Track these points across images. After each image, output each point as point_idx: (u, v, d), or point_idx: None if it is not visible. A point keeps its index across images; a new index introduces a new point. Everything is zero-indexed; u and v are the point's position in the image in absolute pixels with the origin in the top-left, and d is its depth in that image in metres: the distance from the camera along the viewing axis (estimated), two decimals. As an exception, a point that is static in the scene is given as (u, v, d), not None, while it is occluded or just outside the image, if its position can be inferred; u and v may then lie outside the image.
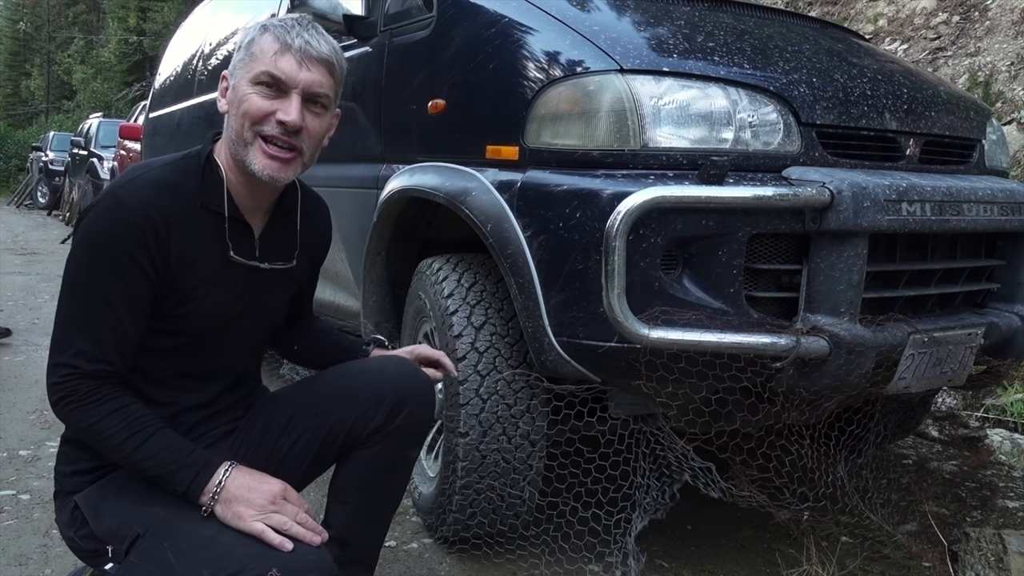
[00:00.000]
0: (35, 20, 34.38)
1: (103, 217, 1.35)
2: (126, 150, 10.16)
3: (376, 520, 1.64)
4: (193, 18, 4.92)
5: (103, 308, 1.34)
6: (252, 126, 1.39)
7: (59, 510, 1.48)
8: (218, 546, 1.27)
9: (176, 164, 1.44)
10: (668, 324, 1.69)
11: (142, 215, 1.34)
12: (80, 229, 1.37)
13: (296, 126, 1.39)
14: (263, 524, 1.30)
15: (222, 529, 1.30)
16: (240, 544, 1.28)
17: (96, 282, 1.34)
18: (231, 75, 1.44)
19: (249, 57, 1.41)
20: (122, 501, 1.39)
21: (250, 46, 1.42)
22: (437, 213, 2.35)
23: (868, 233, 1.74)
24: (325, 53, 1.42)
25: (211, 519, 1.33)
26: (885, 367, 1.82)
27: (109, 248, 1.33)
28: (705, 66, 1.88)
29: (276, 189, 1.50)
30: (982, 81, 5.36)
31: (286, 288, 1.60)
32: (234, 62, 1.44)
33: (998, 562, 1.96)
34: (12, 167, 26.48)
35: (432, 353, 1.71)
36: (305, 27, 1.42)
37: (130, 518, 1.36)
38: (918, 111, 2.08)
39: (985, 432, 3.16)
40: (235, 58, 1.45)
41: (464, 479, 2.01)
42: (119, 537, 1.36)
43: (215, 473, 1.34)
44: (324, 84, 1.42)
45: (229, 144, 1.44)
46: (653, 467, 1.93)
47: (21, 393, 3.57)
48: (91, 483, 1.43)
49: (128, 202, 1.34)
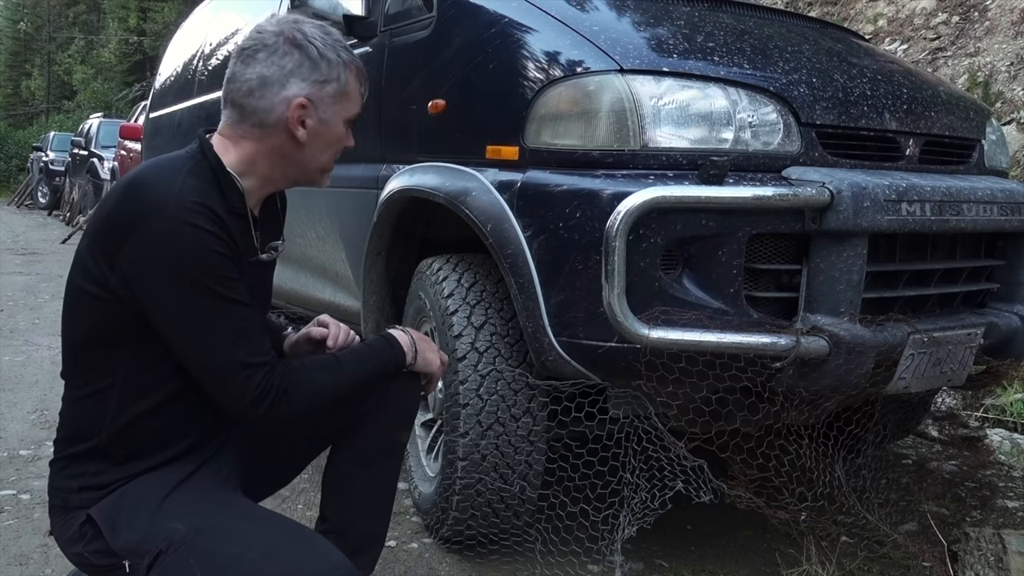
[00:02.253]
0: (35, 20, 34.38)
1: (184, 242, 1.29)
2: (126, 150, 10.17)
3: (373, 509, 1.63)
4: (193, 18, 4.91)
5: (234, 313, 1.33)
6: (334, 156, 1.49)
7: (61, 526, 1.43)
8: (247, 563, 1.27)
9: (193, 170, 1.37)
10: (668, 324, 1.70)
11: (214, 223, 1.31)
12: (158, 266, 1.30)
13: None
14: (439, 370, 1.62)
15: (249, 546, 1.30)
16: (270, 563, 1.27)
17: (217, 295, 1.31)
18: (317, 106, 1.41)
19: (342, 96, 1.44)
20: (140, 515, 1.36)
21: (342, 85, 1.44)
22: (437, 213, 2.35)
23: (868, 233, 1.74)
24: None
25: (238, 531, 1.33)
26: (885, 367, 1.82)
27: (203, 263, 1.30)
28: (705, 66, 1.88)
29: None
30: (982, 81, 5.36)
31: (271, 274, 1.61)
32: (323, 95, 1.41)
33: (998, 562, 1.96)
34: (12, 167, 26.49)
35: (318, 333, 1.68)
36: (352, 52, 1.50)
37: (149, 533, 1.33)
38: (918, 111, 2.08)
39: (985, 432, 3.16)
40: (323, 90, 1.41)
41: (464, 479, 2.01)
42: (139, 552, 1.33)
43: (403, 342, 1.56)
44: None
45: (291, 169, 1.46)
46: (644, 467, 1.92)
47: (21, 393, 3.57)
48: (103, 498, 1.39)
49: (194, 220, 1.29)
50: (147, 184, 1.34)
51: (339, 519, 1.59)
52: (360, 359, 1.52)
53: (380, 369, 1.53)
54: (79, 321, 1.40)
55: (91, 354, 1.40)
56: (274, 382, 1.35)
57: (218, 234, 1.31)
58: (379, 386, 1.56)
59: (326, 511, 1.62)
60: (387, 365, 1.54)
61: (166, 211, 1.28)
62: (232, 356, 1.32)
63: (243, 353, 1.33)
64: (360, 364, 1.51)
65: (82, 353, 1.42)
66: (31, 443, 2.92)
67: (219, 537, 1.31)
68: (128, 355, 1.38)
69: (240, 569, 1.27)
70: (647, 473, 1.93)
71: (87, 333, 1.40)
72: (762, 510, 1.98)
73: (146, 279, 1.31)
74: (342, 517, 1.59)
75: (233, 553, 1.29)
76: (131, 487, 1.40)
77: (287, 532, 1.36)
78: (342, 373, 1.47)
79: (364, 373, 1.51)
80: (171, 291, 1.30)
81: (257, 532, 1.34)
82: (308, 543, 1.34)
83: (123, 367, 1.39)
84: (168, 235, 1.28)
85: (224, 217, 1.34)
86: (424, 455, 2.31)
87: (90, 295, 1.36)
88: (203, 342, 1.33)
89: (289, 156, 1.43)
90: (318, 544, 1.35)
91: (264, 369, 1.34)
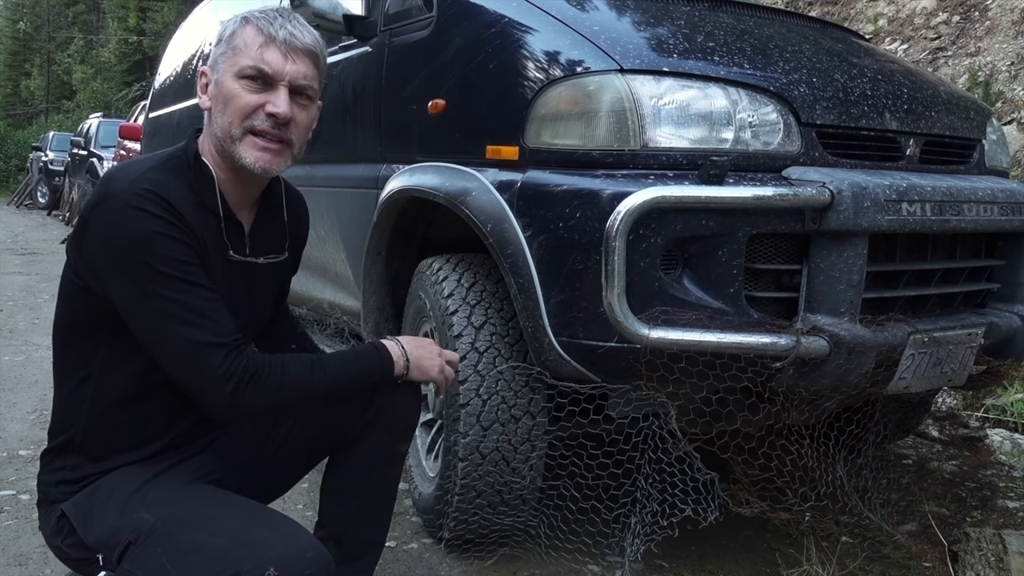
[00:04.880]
0: (35, 20, 34.37)
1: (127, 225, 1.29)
2: (126, 150, 10.16)
3: (372, 517, 1.62)
4: (193, 18, 4.91)
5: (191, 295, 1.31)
6: (242, 121, 1.38)
7: (44, 518, 1.45)
8: (213, 549, 1.26)
9: (165, 164, 1.39)
10: (668, 324, 1.69)
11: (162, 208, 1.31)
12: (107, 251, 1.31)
13: (286, 118, 1.38)
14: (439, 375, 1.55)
15: (215, 531, 1.29)
16: (235, 546, 1.26)
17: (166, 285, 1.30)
18: (212, 70, 1.41)
19: (232, 51, 1.38)
20: (110, 508, 1.36)
21: (232, 39, 1.39)
22: (437, 213, 2.35)
23: (868, 233, 1.74)
24: (309, 44, 1.40)
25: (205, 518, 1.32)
26: (885, 367, 1.82)
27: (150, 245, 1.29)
28: (705, 66, 1.87)
29: (263, 183, 1.50)
30: (982, 81, 5.36)
31: (272, 282, 1.59)
32: (214, 56, 1.41)
33: (998, 562, 1.96)
34: (12, 167, 26.47)
35: None
36: (287, 18, 1.41)
37: (120, 525, 1.34)
38: (918, 111, 2.08)
39: (985, 432, 3.16)
40: (215, 52, 1.41)
41: (464, 479, 2.01)
42: (110, 545, 1.34)
43: (393, 353, 1.50)
44: (309, 75, 1.41)
45: (214, 140, 1.41)
46: (656, 476, 1.91)
47: (21, 393, 3.57)
48: (77, 492, 1.41)
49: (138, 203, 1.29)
50: (114, 175, 1.37)
51: (337, 527, 1.59)
52: (343, 363, 1.47)
53: (363, 376, 1.48)
54: (62, 310, 1.42)
55: (71, 344, 1.42)
56: (240, 364, 1.32)
57: (166, 219, 1.30)
58: (380, 396, 1.53)
59: (324, 518, 1.61)
60: (372, 374, 1.48)
61: (119, 197, 1.30)
62: (190, 336, 1.30)
63: (202, 334, 1.31)
64: (342, 368, 1.46)
65: (64, 343, 1.44)
66: (31, 443, 2.92)
67: (186, 524, 1.31)
68: (103, 345, 1.40)
69: (206, 554, 1.26)
70: (659, 484, 1.92)
71: (68, 323, 1.42)
72: (767, 515, 1.98)
73: (101, 263, 1.32)
74: (340, 525, 1.59)
75: (199, 539, 1.28)
76: (104, 481, 1.40)
77: (254, 516, 1.35)
78: (320, 373, 1.42)
79: (345, 377, 1.46)
80: (124, 274, 1.31)
81: (224, 517, 1.33)
82: (276, 526, 1.32)
83: (99, 358, 1.40)
84: (118, 219, 1.30)
85: (178, 206, 1.33)
86: (424, 455, 2.31)
87: (70, 283, 1.39)
88: (160, 324, 1.31)
89: (211, 132, 1.42)
90: (286, 526, 1.33)
91: (226, 349, 1.31)
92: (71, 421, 1.42)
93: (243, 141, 1.39)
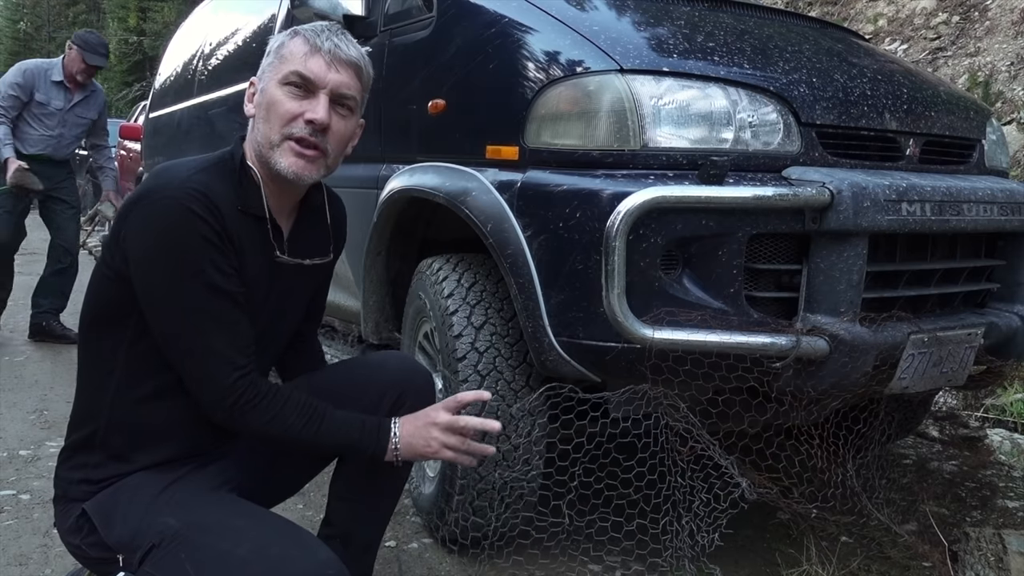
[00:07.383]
0: (35, 20, 34.35)
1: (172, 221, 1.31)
2: (126, 150, 10.16)
3: (378, 516, 1.65)
4: (193, 18, 4.91)
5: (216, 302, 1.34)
6: (282, 128, 1.40)
7: (61, 515, 1.46)
8: (235, 560, 1.28)
9: (213, 168, 1.42)
10: (667, 324, 1.69)
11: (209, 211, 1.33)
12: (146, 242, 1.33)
13: (324, 124, 1.40)
14: (444, 452, 1.47)
15: (238, 542, 1.30)
16: (258, 559, 1.28)
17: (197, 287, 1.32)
18: (259, 79, 1.45)
19: (279, 60, 1.42)
20: (134, 510, 1.37)
21: (279, 50, 1.43)
22: (437, 213, 2.35)
23: (868, 233, 1.74)
24: (354, 57, 1.44)
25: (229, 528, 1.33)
26: (885, 367, 1.82)
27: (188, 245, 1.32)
28: (705, 66, 1.88)
29: (300, 190, 1.51)
30: (982, 81, 5.36)
31: (307, 288, 1.61)
32: (263, 67, 1.45)
33: (998, 562, 1.96)
34: (12, 167, 26.40)
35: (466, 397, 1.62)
36: (335, 32, 1.44)
37: (143, 528, 1.35)
38: (918, 111, 2.08)
39: (985, 432, 3.16)
40: (264, 63, 1.45)
41: (464, 479, 2.01)
42: (131, 547, 1.35)
43: (390, 436, 1.45)
44: (351, 86, 1.44)
45: (255, 147, 1.44)
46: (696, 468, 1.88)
47: (21, 393, 3.57)
48: (98, 491, 1.42)
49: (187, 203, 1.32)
50: (162, 172, 1.40)
51: (345, 527, 1.60)
52: (339, 428, 1.44)
53: (353, 449, 1.48)
54: (91, 303, 1.44)
55: (96, 337, 1.44)
56: (247, 382, 1.35)
57: (209, 222, 1.33)
58: (391, 395, 1.56)
59: (333, 517, 1.62)
60: (363, 451, 1.47)
61: (166, 192, 1.33)
62: (210, 343, 1.34)
63: (223, 343, 1.34)
64: (336, 432, 1.44)
65: (90, 336, 1.45)
66: (31, 443, 2.92)
67: (210, 532, 1.32)
68: (128, 341, 1.41)
69: (229, 564, 1.28)
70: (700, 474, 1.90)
71: (95, 315, 1.44)
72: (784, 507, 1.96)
73: (135, 251, 1.34)
74: (348, 526, 1.60)
75: (223, 548, 1.30)
76: (127, 483, 1.41)
77: (277, 529, 1.37)
78: (314, 427, 1.41)
79: (336, 443, 1.46)
80: (158, 269, 1.33)
81: (248, 528, 1.34)
82: (298, 540, 1.34)
83: (123, 353, 1.41)
84: (164, 215, 1.32)
85: (224, 211, 1.35)
86: (424, 455, 2.31)
87: (102, 275, 1.41)
88: (184, 323, 1.34)
89: (253, 138, 1.45)
90: (308, 541, 1.35)
91: (238, 365, 1.35)
92: (94, 415, 1.43)
93: (281, 147, 1.41)
